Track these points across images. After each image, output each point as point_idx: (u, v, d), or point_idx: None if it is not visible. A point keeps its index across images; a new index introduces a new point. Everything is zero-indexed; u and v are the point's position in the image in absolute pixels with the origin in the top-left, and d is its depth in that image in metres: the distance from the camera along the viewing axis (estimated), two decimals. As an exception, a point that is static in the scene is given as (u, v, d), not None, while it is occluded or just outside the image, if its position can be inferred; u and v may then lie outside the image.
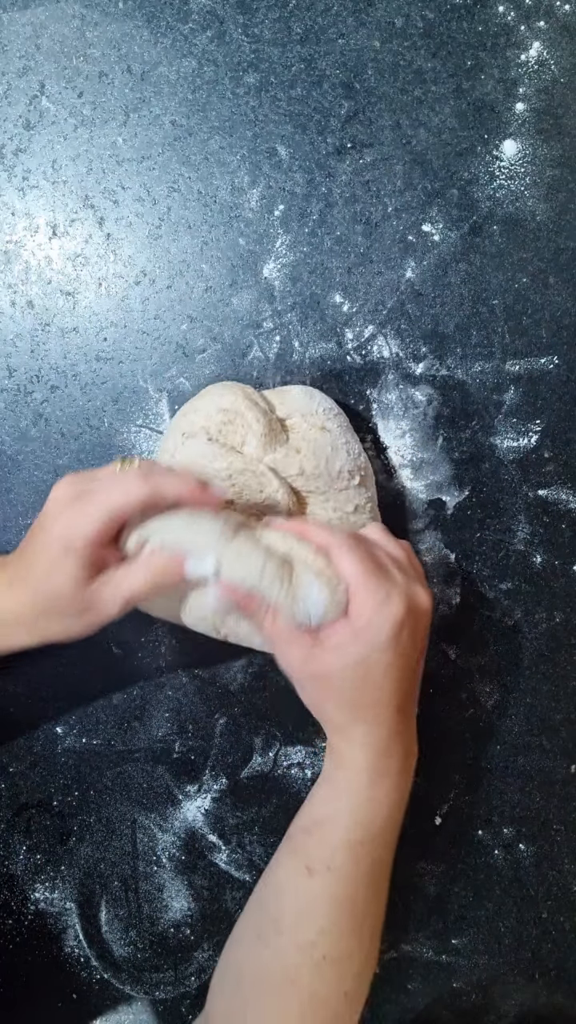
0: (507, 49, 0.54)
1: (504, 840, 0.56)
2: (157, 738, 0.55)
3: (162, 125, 0.54)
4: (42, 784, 0.55)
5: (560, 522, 0.56)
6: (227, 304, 0.54)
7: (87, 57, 0.54)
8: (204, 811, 0.56)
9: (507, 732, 0.56)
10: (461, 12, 0.54)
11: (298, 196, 0.54)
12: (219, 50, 0.54)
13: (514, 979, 0.56)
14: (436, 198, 0.54)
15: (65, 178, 0.54)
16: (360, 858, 0.44)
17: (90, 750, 0.55)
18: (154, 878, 0.56)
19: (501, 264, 0.54)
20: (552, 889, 0.56)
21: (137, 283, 0.54)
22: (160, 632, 0.55)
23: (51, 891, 0.55)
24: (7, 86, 0.54)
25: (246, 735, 0.56)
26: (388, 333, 0.55)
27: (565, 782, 0.56)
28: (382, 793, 0.44)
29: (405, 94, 0.54)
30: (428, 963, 0.56)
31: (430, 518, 0.55)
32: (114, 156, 0.54)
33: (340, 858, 0.43)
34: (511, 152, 0.54)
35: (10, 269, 0.54)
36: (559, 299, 0.55)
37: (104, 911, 0.56)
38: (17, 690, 0.55)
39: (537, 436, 0.55)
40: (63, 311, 0.54)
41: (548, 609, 0.56)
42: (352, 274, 0.54)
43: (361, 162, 0.54)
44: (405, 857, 0.56)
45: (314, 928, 0.43)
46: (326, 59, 0.54)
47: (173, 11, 0.54)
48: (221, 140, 0.54)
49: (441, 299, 0.55)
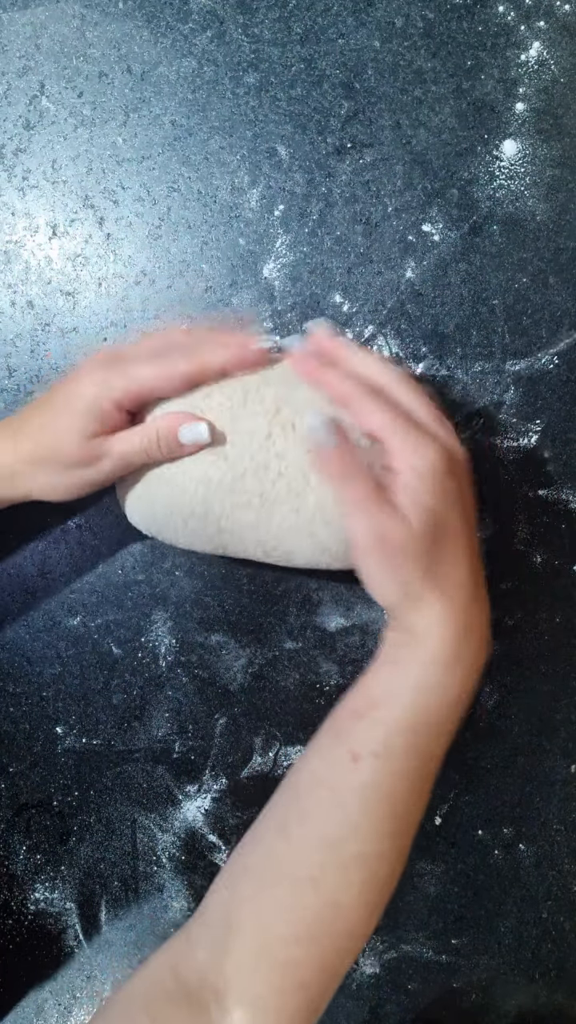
0: (507, 49, 0.54)
1: (504, 840, 0.56)
2: (157, 738, 0.56)
3: (162, 125, 0.54)
4: (42, 784, 0.55)
5: (560, 522, 0.56)
6: (227, 304, 0.54)
7: (87, 57, 0.54)
8: (204, 811, 0.56)
9: (507, 732, 0.56)
10: (461, 12, 0.54)
11: (298, 196, 0.54)
12: (219, 50, 0.54)
13: (514, 979, 0.56)
14: (436, 198, 0.54)
15: (65, 178, 0.54)
16: (412, 749, 0.39)
17: (90, 750, 0.55)
18: (154, 878, 0.56)
19: (501, 264, 0.54)
20: (552, 889, 0.56)
21: (137, 283, 0.54)
22: (160, 632, 0.55)
23: (51, 891, 0.56)
24: (7, 86, 0.54)
25: (246, 735, 0.56)
26: (388, 333, 0.55)
27: (565, 782, 0.56)
28: (454, 679, 0.40)
29: (405, 94, 0.54)
30: (428, 963, 0.56)
31: (430, 518, 0.55)
32: (114, 156, 0.54)
33: (393, 745, 0.39)
34: (511, 152, 0.54)
35: (10, 269, 0.54)
36: (559, 299, 0.55)
37: (104, 911, 0.56)
38: (17, 690, 0.55)
39: (537, 436, 0.55)
40: (63, 311, 0.54)
41: (548, 609, 0.56)
42: (352, 274, 0.54)
43: (361, 162, 0.54)
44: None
45: (347, 823, 0.38)
46: (326, 59, 0.54)
47: (173, 11, 0.54)
48: (221, 140, 0.54)
49: (441, 299, 0.55)
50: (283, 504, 0.45)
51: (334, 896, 0.38)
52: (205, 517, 0.46)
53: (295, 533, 0.45)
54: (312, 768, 0.41)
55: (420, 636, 0.40)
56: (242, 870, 0.40)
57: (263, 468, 0.44)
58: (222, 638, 0.55)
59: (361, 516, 0.40)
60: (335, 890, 0.38)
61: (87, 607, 0.55)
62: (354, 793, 0.39)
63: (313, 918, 0.38)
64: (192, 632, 0.55)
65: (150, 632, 0.55)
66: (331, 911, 0.38)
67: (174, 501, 0.46)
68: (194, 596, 0.55)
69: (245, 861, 0.41)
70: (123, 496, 0.49)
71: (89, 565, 0.55)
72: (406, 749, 0.39)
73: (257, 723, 0.56)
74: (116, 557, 0.55)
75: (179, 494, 0.45)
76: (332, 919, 0.38)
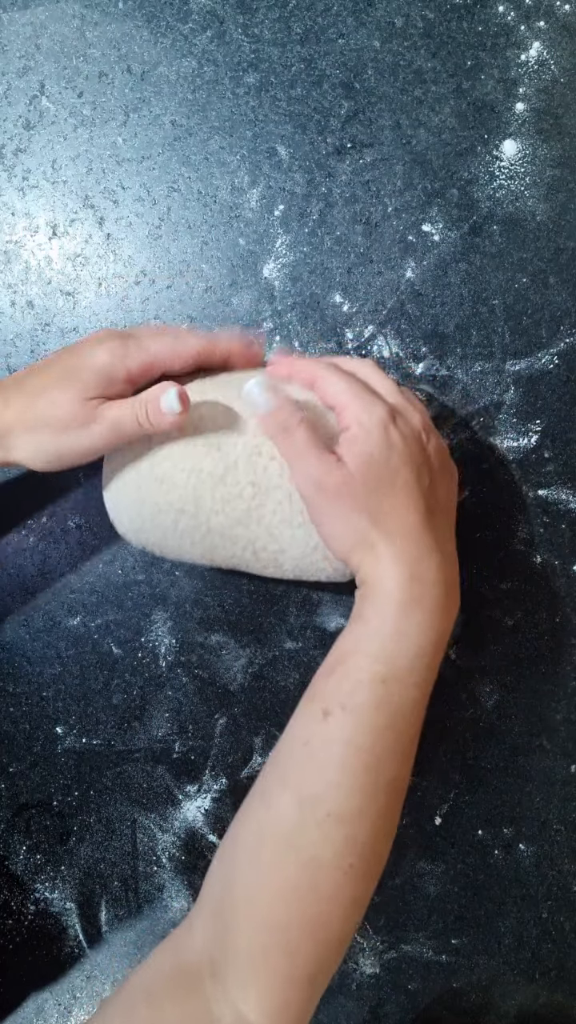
0: (507, 49, 0.54)
1: (504, 840, 0.56)
2: (157, 738, 0.56)
3: (162, 125, 0.54)
4: (42, 784, 0.55)
5: (560, 522, 0.56)
6: (227, 304, 0.54)
7: (87, 57, 0.54)
8: (204, 811, 0.56)
9: (507, 732, 0.56)
10: (461, 12, 0.54)
11: (298, 196, 0.54)
12: (219, 50, 0.54)
13: (514, 979, 0.56)
14: (436, 198, 0.54)
15: (65, 178, 0.54)
16: (382, 700, 0.39)
17: (90, 750, 0.55)
18: (154, 878, 0.56)
19: (501, 264, 0.54)
20: (552, 889, 0.56)
21: (137, 283, 0.54)
22: (160, 632, 0.55)
23: (51, 891, 0.56)
24: (7, 86, 0.54)
25: (246, 735, 0.56)
26: (388, 333, 0.55)
27: (565, 782, 0.56)
28: (413, 625, 0.40)
29: (405, 94, 0.54)
30: (428, 963, 0.56)
31: (430, 518, 0.55)
32: (114, 156, 0.54)
33: (359, 697, 0.39)
34: (511, 152, 0.54)
35: (10, 269, 0.54)
36: (559, 299, 0.55)
37: (104, 911, 0.56)
38: (17, 690, 0.55)
39: (537, 436, 0.55)
40: (63, 311, 0.54)
41: (548, 609, 0.56)
42: (352, 274, 0.54)
43: (361, 162, 0.54)
44: (405, 857, 0.56)
45: (322, 780, 0.38)
46: (326, 59, 0.54)
47: (173, 11, 0.54)
48: (221, 140, 0.54)
49: (441, 299, 0.55)
50: (276, 491, 0.45)
51: (313, 852, 0.38)
52: (196, 515, 0.45)
53: (287, 525, 0.45)
54: (290, 731, 0.42)
55: (374, 585, 0.41)
56: (231, 843, 0.41)
57: (256, 453, 0.44)
58: (222, 638, 0.55)
59: (299, 464, 0.42)
60: (313, 846, 0.38)
61: (87, 607, 0.55)
62: (326, 749, 0.39)
63: (294, 876, 0.38)
64: (192, 632, 0.55)
65: (150, 632, 0.55)
66: (311, 870, 0.38)
67: (164, 499, 0.45)
68: (194, 596, 0.55)
69: (235, 833, 0.41)
70: (112, 502, 0.48)
71: (89, 565, 0.55)
72: (376, 702, 0.39)
73: (257, 723, 0.56)
74: (116, 557, 0.55)
75: (169, 489, 0.45)
76: (313, 878, 0.38)
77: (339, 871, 0.38)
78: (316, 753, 0.39)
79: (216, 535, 0.46)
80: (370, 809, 0.39)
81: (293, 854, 0.38)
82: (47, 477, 0.55)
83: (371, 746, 0.39)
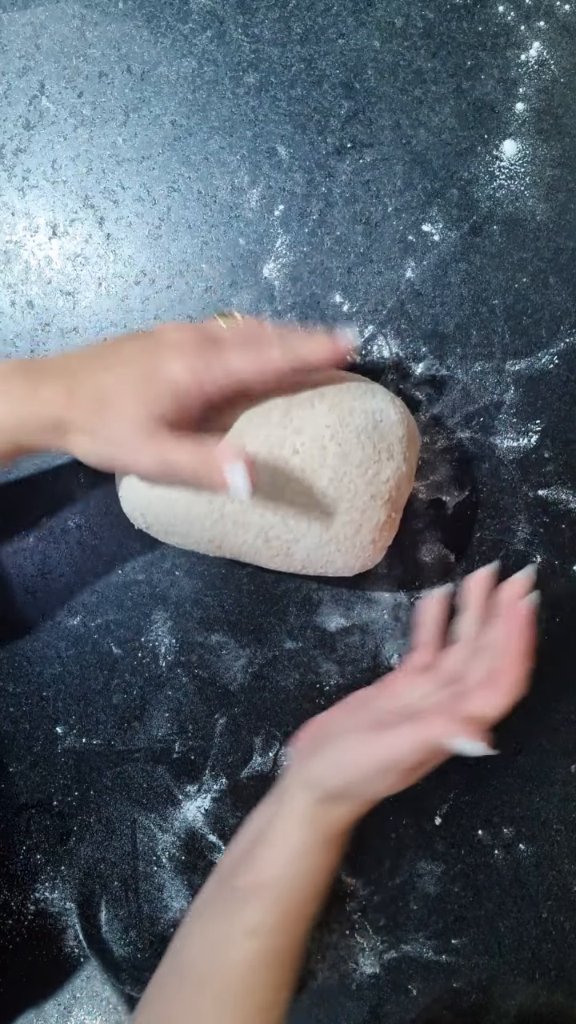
0: (507, 49, 0.54)
1: (504, 840, 0.56)
2: (157, 738, 0.56)
3: (162, 125, 0.54)
4: (42, 784, 0.55)
5: (560, 522, 0.56)
6: (227, 304, 0.54)
7: (87, 57, 0.54)
8: (204, 811, 0.56)
9: (507, 732, 0.56)
10: (461, 12, 0.54)
11: (298, 196, 0.54)
12: (219, 50, 0.54)
13: (514, 979, 0.56)
14: (436, 198, 0.54)
15: (65, 178, 0.54)
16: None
17: (90, 750, 0.55)
18: (154, 878, 0.56)
19: (501, 264, 0.54)
20: (552, 889, 0.56)
21: (137, 283, 0.54)
22: (160, 632, 0.55)
23: (51, 891, 0.56)
24: (7, 86, 0.54)
25: (246, 735, 0.56)
26: (388, 333, 0.55)
27: (565, 782, 0.56)
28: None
29: (405, 94, 0.54)
30: (428, 963, 0.56)
31: (430, 518, 0.55)
32: (114, 156, 0.54)
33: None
34: (511, 152, 0.54)
35: (10, 269, 0.54)
36: (559, 299, 0.55)
37: (104, 911, 0.56)
38: (17, 690, 0.55)
39: (537, 436, 0.55)
40: (63, 311, 0.54)
41: (548, 609, 0.56)
42: (352, 274, 0.54)
43: (361, 162, 0.54)
44: (405, 857, 0.56)
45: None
46: (326, 59, 0.54)
47: (173, 11, 0.54)
48: (221, 140, 0.54)
49: (441, 299, 0.55)
50: (295, 483, 0.45)
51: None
52: (211, 500, 0.45)
53: (304, 515, 0.45)
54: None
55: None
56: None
57: (278, 445, 0.44)
58: (222, 638, 0.55)
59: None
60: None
61: (87, 607, 0.55)
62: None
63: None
64: (192, 632, 0.55)
65: (150, 632, 0.55)
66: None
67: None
68: (194, 596, 0.55)
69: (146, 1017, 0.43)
70: (124, 480, 0.48)
71: (89, 565, 0.55)
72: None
73: (257, 723, 0.56)
74: (116, 557, 0.55)
75: None
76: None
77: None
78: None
79: (229, 521, 0.46)
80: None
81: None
82: (47, 477, 0.55)
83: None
